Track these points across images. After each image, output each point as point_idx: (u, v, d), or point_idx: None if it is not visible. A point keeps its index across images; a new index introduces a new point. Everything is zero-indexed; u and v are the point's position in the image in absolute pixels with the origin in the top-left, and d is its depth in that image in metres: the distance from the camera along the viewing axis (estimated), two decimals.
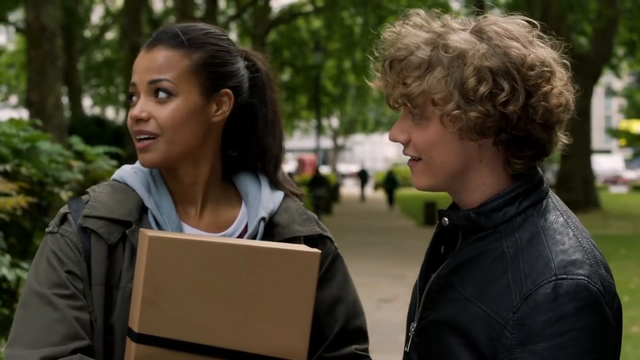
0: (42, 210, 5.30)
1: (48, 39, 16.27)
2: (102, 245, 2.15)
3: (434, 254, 2.12)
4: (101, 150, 5.46)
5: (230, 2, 41.80)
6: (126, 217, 2.16)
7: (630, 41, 30.95)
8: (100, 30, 43.36)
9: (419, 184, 2.04)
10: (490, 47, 1.91)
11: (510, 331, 1.83)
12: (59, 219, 2.20)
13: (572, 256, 1.87)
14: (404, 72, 1.95)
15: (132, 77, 2.20)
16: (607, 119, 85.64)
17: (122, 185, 2.24)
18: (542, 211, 1.96)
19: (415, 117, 1.97)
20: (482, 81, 1.88)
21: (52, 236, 2.18)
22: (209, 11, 32.52)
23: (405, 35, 1.99)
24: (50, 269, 2.13)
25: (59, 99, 16.71)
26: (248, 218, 2.29)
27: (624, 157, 74.76)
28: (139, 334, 1.98)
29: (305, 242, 2.27)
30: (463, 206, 2.03)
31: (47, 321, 2.07)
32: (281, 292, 2.03)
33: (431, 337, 2.00)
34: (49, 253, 2.15)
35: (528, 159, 1.96)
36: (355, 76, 47.85)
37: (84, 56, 43.02)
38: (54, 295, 2.10)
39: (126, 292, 2.12)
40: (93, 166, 5.34)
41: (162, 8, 43.23)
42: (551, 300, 1.81)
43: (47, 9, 16.16)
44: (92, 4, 42.82)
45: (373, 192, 52.93)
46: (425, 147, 1.97)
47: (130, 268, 2.12)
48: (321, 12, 43.08)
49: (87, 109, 43.62)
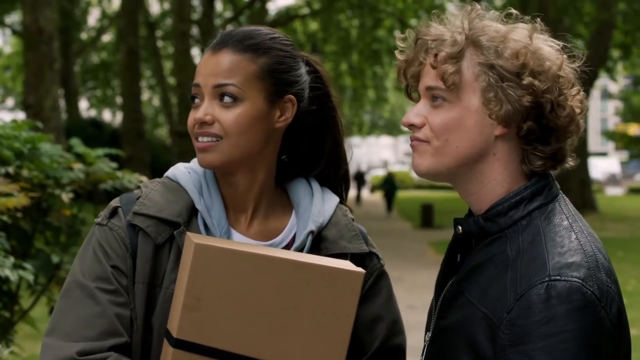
0: (43, 212, 5.31)
1: (45, 41, 16.28)
2: (149, 243, 2.14)
3: (450, 262, 2.12)
4: (101, 153, 5.46)
5: (227, 4, 41.78)
6: (175, 217, 2.15)
7: (625, 44, 30.95)
8: (96, 33, 43.33)
9: (422, 166, 2.02)
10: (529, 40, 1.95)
11: (504, 331, 1.83)
12: (110, 212, 2.19)
13: (569, 259, 1.86)
14: (434, 50, 1.97)
15: (196, 78, 2.18)
16: (603, 121, 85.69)
17: (174, 184, 2.22)
18: (546, 214, 1.96)
19: (438, 99, 1.97)
20: (526, 66, 1.91)
21: (101, 228, 2.18)
22: (205, 13, 32.52)
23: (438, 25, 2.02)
24: (96, 261, 2.12)
25: (56, 102, 16.72)
26: (297, 228, 2.27)
27: (620, 160, 74.76)
28: (176, 339, 1.97)
29: (352, 259, 2.24)
30: (471, 201, 2.03)
31: (87, 314, 2.07)
32: (322, 308, 2.01)
33: (442, 345, 2.00)
34: (95, 244, 2.15)
35: (549, 157, 1.97)
36: (351, 79, 47.81)
37: (81, 58, 42.99)
38: (97, 289, 2.09)
39: (168, 292, 2.11)
40: (93, 168, 5.34)
41: (158, 10, 43.22)
42: (543, 301, 1.81)
43: (44, 12, 16.17)
44: (89, 6, 42.80)
45: (369, 195, 52.50)
46: (444, 129, 1.97)
47: (175, 269, 2.12)
48: (318, 14, 43.06)
49: (83, 111, 43.54)
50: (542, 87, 1.90)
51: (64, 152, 5.28)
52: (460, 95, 1.95)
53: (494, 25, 1.99)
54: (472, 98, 1.95)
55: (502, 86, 1.91)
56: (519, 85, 1.91)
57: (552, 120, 1.93)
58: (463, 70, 1.95)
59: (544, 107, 1.92)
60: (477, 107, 1.94)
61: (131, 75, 27.66)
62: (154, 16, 41.52)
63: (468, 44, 1.96)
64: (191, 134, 2.18)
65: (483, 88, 1.93)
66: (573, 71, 2.00)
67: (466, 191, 2.03)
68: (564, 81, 1.96)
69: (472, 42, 1.96)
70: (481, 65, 1.93)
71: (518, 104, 1.90)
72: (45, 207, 5.27)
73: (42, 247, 5.31)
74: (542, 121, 1.93)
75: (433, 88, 1.98)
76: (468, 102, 1.95)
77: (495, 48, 1.93)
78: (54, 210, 5.37)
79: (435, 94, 1.98)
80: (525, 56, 1.91)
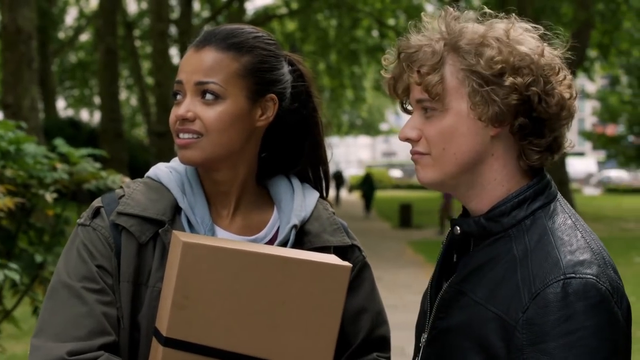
0: (26, 212, 5.29)
1: (24, 41, 16.21)
2: (133, 243, 2.14)
3: (446, 262, 2.12)
4: (85, 153, 5.44)
5: (204, 4, 41.72)
6: (159, 216, 2.15)
7: (603, 44, 31.09)
8: (74, 32, 43.18)
9: (426, 178, 2.03)
10: (506, 37, 1.95)
11: (521, 331, 1.84)
12: (92, 212, 2.19)
13: (580, 257, 1.88)
14: (417, 63, 1.98)
15: (179, 75, 2.18)
16: (581, 121, 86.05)
17: (156, 184, 2.23)
18: (550, 213, 1.97)
19: (429, 110, 1.99)
20: (506, 67, 1.91)
21: (84, 228, 2.18)
22: (184, 13, 32.47)
23: (418, 34, 2.03)
24: (81, 261, 2.12)
25: (34, 101, 16.65)
26: (280, 223, 2.29)
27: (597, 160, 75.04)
28: (166, 337, 1.98)
29: (334, 251, 2.27)
30: (471, 207, 2.04)
31: (74, 314, 2.07)
32: (310, 302, 2.03)
33: (443, 346, 2.00)
34: (79, 245, 2.15)
35: (545, 149, 1.98)
36: (329, 78, 47.80)
37: (58, 58, 42.83)
38: (83, 288, 2.09)
39: (155, 291, 2.12)
40: (77, 168, 5.32)
41: (136, 10, 43.10)
42: (560, 299, 1.82)
43: (23, 11, 16.10)
44: (67, 5, 42.63)
45: (348, 194, 52.46)
46: (439, 139, 1.98)
47: (161, 267, 2.12)
48: (296, 14, 43.05)
49: (60, 110, 43.38)
50: (526, 82, 1.91)
51: (48, 152, 5.26)
52: (448, 103, 1.96)
53: (471, 26, 2.00)
54: (461, 104, 1.96)
55: (487, 90, 1.92)
56: (502, 86, 1.91)
57: (542, 112, 1.94)
58: (447, 78, 1.96)
59: (531, 101, 1.92)
60: (467, 112, 1.95)
61: (109, 75, 27.56)
62: (132, 16, 41.40)
63: (448, 50, 1.97)
64: (172, 130, 2.19)
65: (469, 93, 1.94)
66: (557, 57, 2.00)
67: (468, 197, 2.03)
68: (548, 69, 1.95)
69: (452, 47, 1.97)
70: (464, 70, 1.94)
71: (505, 104, 1.91)
72: (28, 207, 5.24)
73: (26, 247, 5.29)
74: (533, 114, 1.94)
75: (422, 100, 1.99)
76: (457, 108, 1.96)
77: (475, 51, 1.94)
78: (37, 210, 5.35)
79: (425, 106, 1.99)
80: (504, 55, 1.92)
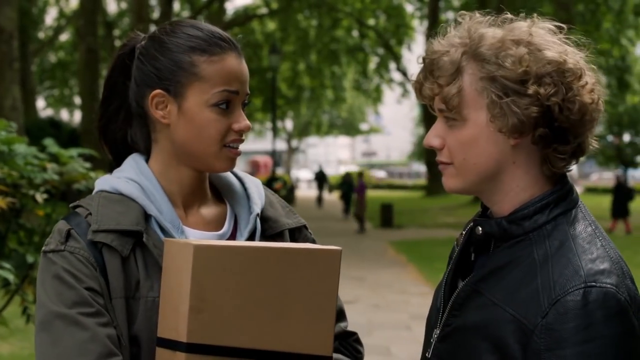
0: (15, 213, 5.30)
1: (5, 40, 16.18)
2: (116, 257, 2.09)
3: (463, 261, 2.14)
4: (75, 153, 5.46)
5: (184, 4, 41.70)
6: (135, 227, 2.11)
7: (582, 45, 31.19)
8: (54, 32, 43.06)
9: (450, 187, 2.05)
10: (528, 42, 1.94)
11: (539, 336, 1.85)
12: (63, 236, 2.09)
13: (600, 265, 1.89)
14: (436, 73, 1.99)
15: (232, 84, 2.17)
16: None
17: (116, 196, 2.18)
18: (571, 220, 1.98)
19: (450, 120, 2.00)
20: (529, 73, 1.90)
21: (58, 255, 2.08)
22: (164, 13, 32.49)
23: (438, 41, 2.03)
24: (67, 288, 2.04)
25: (16, 101, 16.61)
26: (238, 215, 2.30)
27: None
28: (187, 343, 1.97)
29: (290, 233, 2.33)
30: (494, 210, 2.05)
31: (78, 342, 1.99)
32: (310, 289, 2.07)
33: (457, 343, 2.01)
34: (60, 272, 2.06)
35: (570, 155, 1.98)
36: (309, 78, 47.87)
37: (38, 58, 42.69)
38: (79, 314, 2.01)
39: (149, 301, 2.09)
40: (67, 168, 5.33)
41: (116, 10, 43.03)
42: (581, 307, 1.83)
43: (5, 11, 16.07)
44: (47, 5, 42.51)
45: (328, 194, 52.21)
46: (460, 149, 1.99)
47: (149, 277, 2.10)
48: (276, 14, 43.09)
49: (40, 110, 43.22)
50: (548, 92, 1.90)
51: (38, 152, 5.27)
52: (467, 113, 1.96)
53: (491, 30, 1.99)
54: (480, 115, 1.95)
55: (506, 102, 1.91)
56: (524, 95, 1.91)
57: (563, 121, 1.93)
58: (465, 88, 1.95)
59: (552, 111, 1.92)
60: (486, 123, 1.95)
61: (90, 75, 27.57)
62: (112, 15, 41.35)
63: (467, 59, 1.96)
64: (219, 140, 2.18)
65: (488, 105, 1.94)
66: (581, 59, 1.99)
67: (491, 201, 2.05)
68: (571, 75, 1.94)
69: (472, 55, 1.96)
70: (483, 80, 1.94)
71: (525, 116, 1.91)
72: (18, 208, 5.25)
73: (16, 247, 5.30)
74: (554, 124, 1.93)
75: (442, 110, 2.00)
76: (476, 118, 1.96)
77: (496, 57, 1.93)
78: (26, 210, 5.35)
79: (446, 115, 2.00)
80: (528, 62, 1.91)
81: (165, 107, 2.18)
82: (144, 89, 2.20)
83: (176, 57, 2.18)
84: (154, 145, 2.25)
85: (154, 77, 2.19)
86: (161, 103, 2.18)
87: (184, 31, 2.21)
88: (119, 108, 2.27)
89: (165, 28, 2.24)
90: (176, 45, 2.19)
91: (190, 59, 2.17)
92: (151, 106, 2.18)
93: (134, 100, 2.22)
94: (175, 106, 2.17)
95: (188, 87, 2.17)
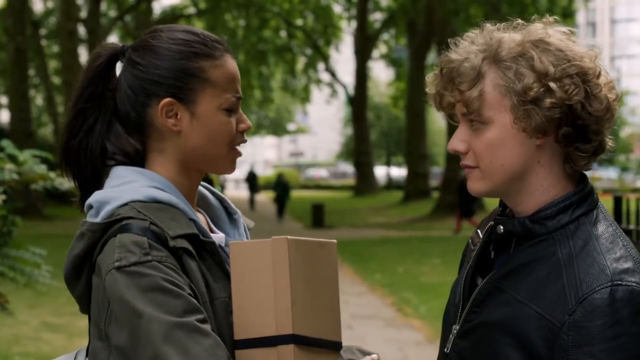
0: None
1: None
2: (193, 262, 2.07)
3: (482, 259, 2.19)
4: (29, 155, 5.42)
5: (111, 3, 41.32)
6: (195, 231, 2.11)
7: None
8: None
9: (476, 190, 2.09)
10: (547, 43, 2.00)
11: (567, 333, 1.92)
12: (146, 247, 2.02)
13: (624, 264, 1.96)
14: (457, 79, 2.03)
15: (238, 87, 2.22)
16: None
17: (154, 205, 2.11)
18: (593, 220, 2.04)
19: (474, 123, 2.04)
20: (549, 77, 1.95)
21: (146, 266, 1.99)
22: (91, 13, 32.14)
23: (457, 48, 2.07)
24: (173, 297, 1.97)
25: None
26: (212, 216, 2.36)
27: None
28: (294, 335, 2.04)
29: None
30: (517, 211, 2.10)
31: (206, 347, 1.94)
32: (327, 279, 2.18)
33: (479, 339, 2.06)
34: (160, 282, 1.98)
35: (591, 153, 2.04)
36: None
37: None
38: (197, 321, 1.96)
39: (222, 302, 2.09)
40: (24, 169, 5.29)
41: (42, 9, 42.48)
42: (608, 304, 1.90)
43: None
44: None
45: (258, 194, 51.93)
46: (485, 152, 2.03)
47: (219, 279, 2.11)
48: (204, 14, 42.90)
49: None
50: (571, 92, 1.96)
51: None
52: (492, 116, 2.01)
53: (508, 34, 2.05)
54: (505, 116, 2.00)
55: (528, 108, 1.97)
56: (543, 107, 1.96)
57: (586, 118, 1.99)
58: (487, 92, 2.00)
59: (574, 109, 1.97)
60: (511, 124, 2.00)
61: (19, 74, 27.22)
62: (38, 15, 40.81)
63: (488, 64, 2.01)
64: (229, 141, 2.21)
65: (511, 107, 1.99)
66: (596, 58, 2.04)
67: (515, 201, 2.10)
68: (591, 74, 2.00)
69: (492, 60, 2.01)
70: (506, 82, 1.98)
71: (547, 117, 1.97)
72: None
73: None
74: (577, 122, 1.99)
75: (465, 114, 2.05)
76: (501, 120, 2.01)
77: (515, 67, 1.98)
78: None
79: (470, 118, 2.04)
80: (544, 65, 1.97)
81: (175, 115, 2.16)
82: (144, 98, 2.17)
83: (181, 64, 2.16)
84: (155, 154, 2.21)
85: (157, 85, 2.16)
86: (171, 111, 2.16)
87: (179, 37, 2.19)
88: (96, 120, 2.21)
89: (153, 35, 2.21)
90: (177, 52, 2.17)
91: (198, 65, 2.17)
92: (161, 115, 2.16)
93: (132, 110, 2.18)
94: (187, 113, 2.16)
95: (200, 93, 2.17)
